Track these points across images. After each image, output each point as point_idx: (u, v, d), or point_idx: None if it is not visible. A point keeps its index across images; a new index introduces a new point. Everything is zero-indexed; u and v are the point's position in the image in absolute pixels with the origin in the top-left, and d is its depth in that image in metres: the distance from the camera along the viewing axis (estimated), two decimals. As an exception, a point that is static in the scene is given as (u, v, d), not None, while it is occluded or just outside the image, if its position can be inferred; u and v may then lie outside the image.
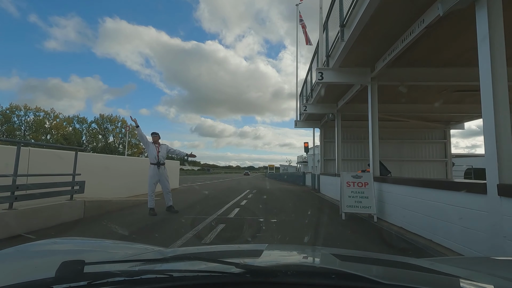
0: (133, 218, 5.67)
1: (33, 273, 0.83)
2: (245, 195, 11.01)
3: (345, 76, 7.04)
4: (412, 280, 0.79)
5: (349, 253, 1.43)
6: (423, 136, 14.20)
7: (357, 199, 6.02)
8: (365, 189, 6.12)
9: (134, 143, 59.30)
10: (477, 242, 3.22)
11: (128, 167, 9.11)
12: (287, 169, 62.63)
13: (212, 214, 6.06)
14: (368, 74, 6.83)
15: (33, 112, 50.03)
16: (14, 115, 48.54)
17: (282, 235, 4.32)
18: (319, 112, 11.52)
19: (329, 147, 14.42)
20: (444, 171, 14.19)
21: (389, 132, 13.64)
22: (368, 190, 6.09)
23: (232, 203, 8.05)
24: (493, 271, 1.02)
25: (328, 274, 0.74)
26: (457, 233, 3.62)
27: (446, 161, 14.20)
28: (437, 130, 14.17)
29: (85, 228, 4.81)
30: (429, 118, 12.54)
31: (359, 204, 6.02)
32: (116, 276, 0.67)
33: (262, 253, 1.08)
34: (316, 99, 10.48)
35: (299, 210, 7.34)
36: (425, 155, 14.26)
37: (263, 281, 0.70)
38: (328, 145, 14.46)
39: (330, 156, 14.32)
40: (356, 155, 14.40)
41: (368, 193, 6.04)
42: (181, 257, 1.05)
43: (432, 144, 14.24)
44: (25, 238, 3.98)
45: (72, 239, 1.72)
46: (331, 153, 14.26)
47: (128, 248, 1.34)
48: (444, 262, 1.21)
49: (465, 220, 3.48)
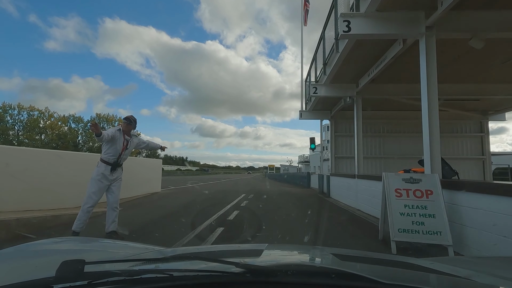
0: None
1: (33, 273, 0.84)
2: (238, 201, 8.94)
3: (386, 26, 4.40)
4: (412, 280, 0.81)
5: (349, 252, 1.43)
6: (455, 128, 12.22)
7: (416, 218, 3.73)
8: (428, 201, 3.65)
9: None
10: None
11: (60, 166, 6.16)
12: (287, 169, 61.51)
13: (183, 238, 4.19)
14: (422, 22, 4.21)
15: (27, 111, 49.36)
16: (7, 114, 47.71)
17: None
18: (333, 95, 9.12)
19: (341, 143, 12.46)
20: (480, 171, 12.15)
21: (409, 125, 11.85)
22: (433, 203, 3.66)
23: (218, 216, 6.10)
24: (493, 271, 1.02)
25: (328, 273, 0.76)
26: None
27: (484, 159, 12.45)
28: (472, 122, 12.16)
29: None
30: (464, 107, 10.68)
31: (420, 228, 3.51)
32: (117, 276, 0.69)
33: (262, 252, 1.10)
34: (331, 75, 7.77)
35: (312, 229, 5.07)
36: (458, 151, 12.19)
37: (263, 280, 0.70)
38: (340, 140, 12.48)
39: (342, 153, 12.43)
40: (374, 152, 12.34)
41: (435, 208, 3.61)
42: (181, 257, 1.06)
43: (466, 139, 12.23)
44: (25, 237, 3.61)
45: (72, 239, 1.75)
46: (343, 149, 12.40)
47: (128, 248, 1.36)
48: (444, 262, 1.19)
49: None
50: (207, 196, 11.05)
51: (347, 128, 12.22)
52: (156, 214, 6.22)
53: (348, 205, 8.49)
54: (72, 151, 9.68)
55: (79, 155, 8.09)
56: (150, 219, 5.62)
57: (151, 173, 10.70)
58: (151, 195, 9.95)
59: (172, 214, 6.47)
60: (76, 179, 5.92)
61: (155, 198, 9.40)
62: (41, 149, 7.01)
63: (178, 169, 65.16)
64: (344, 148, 12.34)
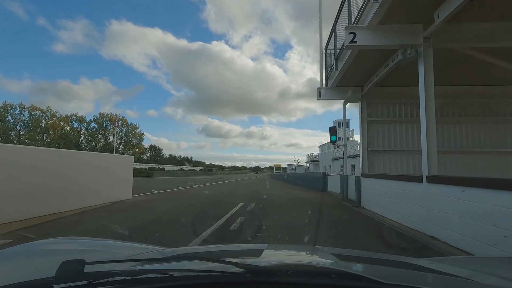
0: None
1: (33, 273, 0.85)
2: (233, 215, 6.63)
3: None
4: (412, 280, 0.82)
5: (349, 252, 1.43)
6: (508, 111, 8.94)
7: None
8: None
9: (136, 143, 57.99)
10: None
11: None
12: (295, 169, 59.25)
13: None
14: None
15: (29, 110, 49.67)
16: (9, 114, 48.20)
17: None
18: (385, 44, 5.45)
19: (376, 131, 9.14)
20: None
21: (448, 107, 8.72)
22: None
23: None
24: (493, 271, 1.02)
25: (328, 273, 0.76)
26: None
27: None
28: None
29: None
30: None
31: None
32: (117, 276, 0.69)
33: (263, 252, 1.10)
34: (382, 8, 4.70)
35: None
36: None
37: (263, 280, 0.71)
38: (375, 127, 9.14)
39: (378, 145, 9.14)
40: (450, 145, 8.79)
41: None
42: (181, 257, 1.07)
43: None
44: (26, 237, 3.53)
45: (72, 239, 1.76)
46: (379, 140, 9.13)
47: (128, 248, 1.36)
48: (444, 262, 1.21)
49: None
50: (190, 209, 7.90)
51: (386, 110, 9.15)
52: (134, 224, 5.05)
53: (405, 225, 5.66)
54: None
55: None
56: (122, 233, 4.50)
57: (115, 174, 8.41)
58: (110, 205, 7.80)
59: (149, 224, 5.35)
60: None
61: (99, 215, 6.50)
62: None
63: (181, 169, 64.77)
64: (380, 139, 9.10)
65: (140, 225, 5.46)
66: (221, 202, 9.43)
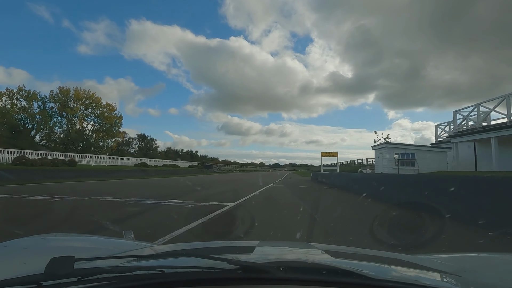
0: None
1: (22, 270, 0.84)
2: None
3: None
4: (402, 276, 0.83)
5: (340, 249, 1.46)
6: None
7: None
8: None
9: (115, 130, 44.14)
10: None
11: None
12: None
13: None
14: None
15: None
16: None
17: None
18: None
19: None
20: None
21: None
22: None
23: None
24: (481, 269, 1.02)
25: (319, 270, 0.75)
26: None
27: None
28: None
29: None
30: None
31: None
32: (107, 272, 0.68)
33: (255, 249, 1.10)
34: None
35: None
36: None
37: (255, 277, 0.71)
38: None
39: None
40: None
41: None
42: (173, 253, 1.05)
43: None
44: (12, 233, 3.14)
45: (61, 235, 1.70)
46: None
47: (119, 244, 1.33)
48: (434, 258, 1.19)
49: None
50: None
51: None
52: None
53: None
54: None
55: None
56: None
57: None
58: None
59: None
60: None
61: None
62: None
63: (175, 165, 45.03)
64: None
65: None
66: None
